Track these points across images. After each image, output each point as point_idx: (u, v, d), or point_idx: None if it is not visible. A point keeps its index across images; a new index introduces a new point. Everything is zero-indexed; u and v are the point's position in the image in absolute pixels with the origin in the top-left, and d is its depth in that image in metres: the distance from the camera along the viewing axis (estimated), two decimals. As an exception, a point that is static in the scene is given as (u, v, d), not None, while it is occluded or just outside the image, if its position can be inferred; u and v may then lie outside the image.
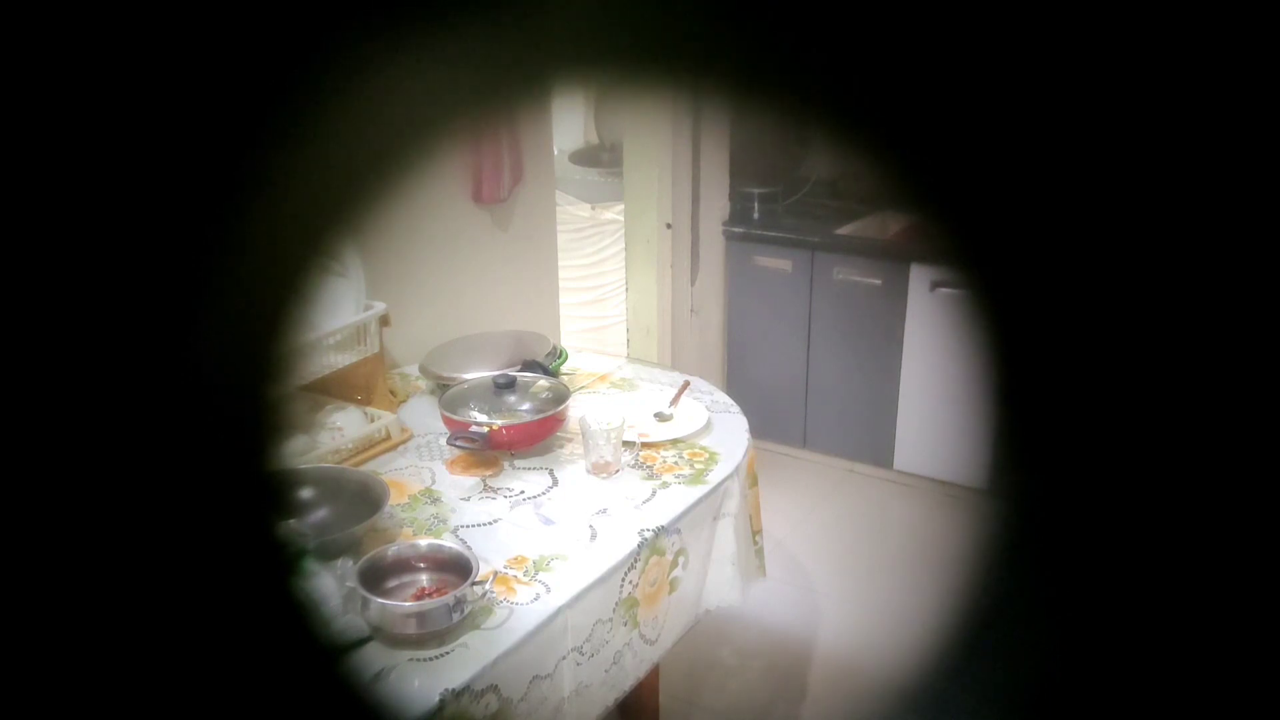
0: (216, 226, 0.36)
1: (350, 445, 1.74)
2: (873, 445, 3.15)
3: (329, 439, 1.72)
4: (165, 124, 0.35)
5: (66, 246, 0.35)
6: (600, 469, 1.69)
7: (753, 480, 1.83)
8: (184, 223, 0.36)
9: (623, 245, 3.23)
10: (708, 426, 1.85)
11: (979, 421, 0.40)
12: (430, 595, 1.32)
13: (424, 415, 1.89)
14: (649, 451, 1.76)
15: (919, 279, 2.91)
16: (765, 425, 2.86)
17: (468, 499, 1.62)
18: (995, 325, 0.39)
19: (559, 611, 1.34)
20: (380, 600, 1.27)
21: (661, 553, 1.54)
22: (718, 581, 1.70)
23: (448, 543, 1.45)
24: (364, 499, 1.50)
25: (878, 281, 3.01)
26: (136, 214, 0.35)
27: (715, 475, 1.69)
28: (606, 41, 0.35)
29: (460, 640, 1.26)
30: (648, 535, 1.52)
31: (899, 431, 3.08)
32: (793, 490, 3.08)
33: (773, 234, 3.20)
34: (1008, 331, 0.38)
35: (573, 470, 1.71)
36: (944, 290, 2.83)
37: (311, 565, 1.28)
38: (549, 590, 1.37)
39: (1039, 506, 0.41)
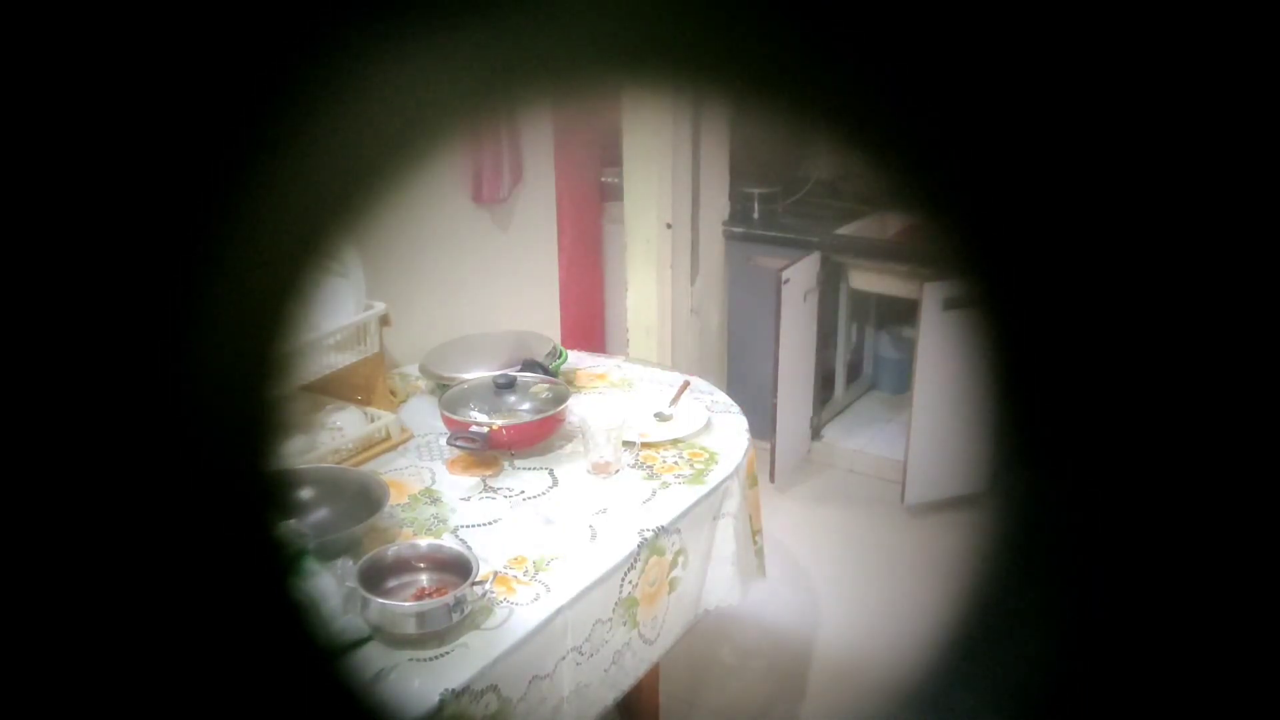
0: (216, 226, 0.36)
1: (350, 445, 1.74)
2: (873, 445, 3.15)
3: (329, 439, 1.72)
4: (164, 124, 0.35)
5: (64, 247, 0.35)
6: (600, 469, 1.69)
7: (752, 480, 1.83)
8: (183, 223, 0.36)
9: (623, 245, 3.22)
10: (708, 426, 1.85)
11: (981, 421, 0.40)
12: (430, 595, 1.32)
13: (424, 415, 1.89)
14: (649, 451, 1.76)
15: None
16: (765, 425, 2.86)
17: (468, 499, 1.62)
18: (998, 325, 0.39)
19: (559, 611, 1.34)
20: (380, 600, 1.27)
21: (661, 553, 1.54)
22: (717, 581, 1.70)
23: (448, 543, 1.45)
24: (364, 499, 1.50)
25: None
26: (135, 214, 0.35)
27: (715, 475, 1.69)
28: (607, 41, 0.35)
29: (460, 640, 1.26)
30: (648, 535, 1.52)
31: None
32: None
33: (773, 234, 3.19)
34: (1010, 331, 0.38)
35: (573, 470, 1.71)
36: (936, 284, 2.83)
37: (311, 565, 1.28)
38: (549, 590, 1.37)
39: (1041, 506, 0.41)
